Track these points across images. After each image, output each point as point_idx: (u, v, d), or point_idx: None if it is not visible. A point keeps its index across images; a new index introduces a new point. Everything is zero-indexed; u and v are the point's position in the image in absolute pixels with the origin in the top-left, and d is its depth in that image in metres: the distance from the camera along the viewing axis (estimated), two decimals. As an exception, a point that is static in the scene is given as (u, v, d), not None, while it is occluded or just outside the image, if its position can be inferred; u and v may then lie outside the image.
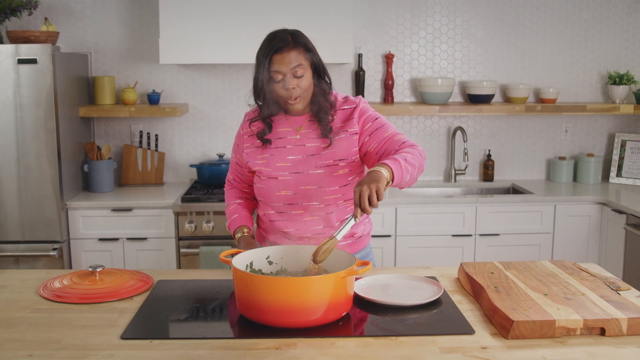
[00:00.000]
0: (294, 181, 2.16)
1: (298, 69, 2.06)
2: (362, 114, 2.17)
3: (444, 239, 3.81)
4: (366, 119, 2.17)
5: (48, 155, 3.59)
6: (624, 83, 4.19)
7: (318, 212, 2.18)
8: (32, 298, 1.98)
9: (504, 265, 2.12)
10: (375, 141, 2.13)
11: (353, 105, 2.19)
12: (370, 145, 2.14)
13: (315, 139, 2.17)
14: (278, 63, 2.05)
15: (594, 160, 4.24)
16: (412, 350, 1.58)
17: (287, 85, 2.06)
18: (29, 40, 3.67)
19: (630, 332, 1.66)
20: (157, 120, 4.26)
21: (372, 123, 2.16)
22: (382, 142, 2.12)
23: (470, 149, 4.37)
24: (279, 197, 2.19)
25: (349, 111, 2.18)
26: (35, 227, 3.64)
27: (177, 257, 3.69)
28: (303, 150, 2.17)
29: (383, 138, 2.13)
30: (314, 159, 2.16)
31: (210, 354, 1.57)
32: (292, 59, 2.05)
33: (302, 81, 2.07)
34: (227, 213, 2.36)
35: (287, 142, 2.19)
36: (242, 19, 3.75)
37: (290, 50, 2.05)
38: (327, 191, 2.15)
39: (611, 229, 3.76)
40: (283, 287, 1.66)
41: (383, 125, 2.16)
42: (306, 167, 2.16)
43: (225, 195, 2.44)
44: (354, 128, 2.16)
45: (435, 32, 4.27)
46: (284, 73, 2.05)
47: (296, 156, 2.17)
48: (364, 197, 1.79)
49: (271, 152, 2.19)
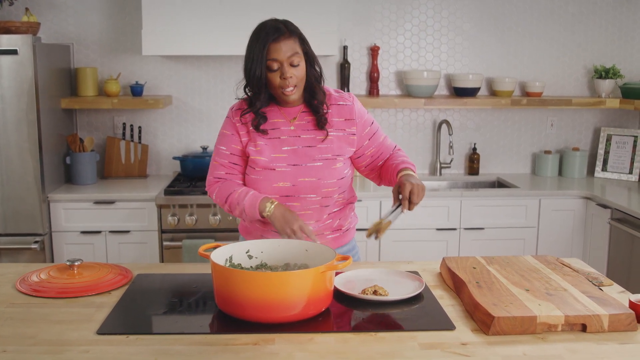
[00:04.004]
0: (292, 173, 2.15)
1: (294, 57, 2.05)
2: (361, 117, 2.24)
3: (428, 233, 3.79)
4: (364, 123, 2.24)
5: (29, 147, 3.55)
6: (610, 77, 4.19)
7: (313, 204, 2.17)
8: (9, 292, 1.95)
9: (487, 260, 2.10)
10: (373, 145, 2.25)
11: (348, 102, 2.22)
12: (368, 148, 2.25)
13: (310, 130, 2.17)
14: (275, 52, 2.03)
15: (579, 154, 4.24)
16: (392, 346, 1.56)
17: (284, 74, 2.04)
18: (9, 30, 3.61)
19: (612, 328, 1.64)
20: (140, 112, 4.21)
21: (370, 127, 2.25)
22: (378, 147, 2.26)
23: (456, 143, 4.36)
24: (277, 189, 2.16)
25: (346, 110, 2.20)
26: (17, 219, 3.59)
27: (160, 250, 3.66)
28: (298, 142, 2.16)
29: (379, 143, 2.27)
30: (312, 151, 2.15)
31: (188, 350, 1.55)
32: (289, 47, 2.04)
33: (298, 70, 2.07)
34: (237, 198, 2.12)
35: (281, 132, 2.17)
36: (225, 10, 3.71)
37: (286, 38, 2.05)
38: (325, 184, 2.16)
39: (596, 223, 3.76)
40: (261, 282, 1.64)
41: (378, 129, 2.29)
42: (305, 160, 2.15)
43: (217, 192, 2.20)
44: (352, 129, 2.21)
45: (421, 25, 4.25)
46: (281, 62, 2.04)
47: (291, 147, 2.16)
48: (415, 192, 1.99)
49: (265, 141, 2.17)
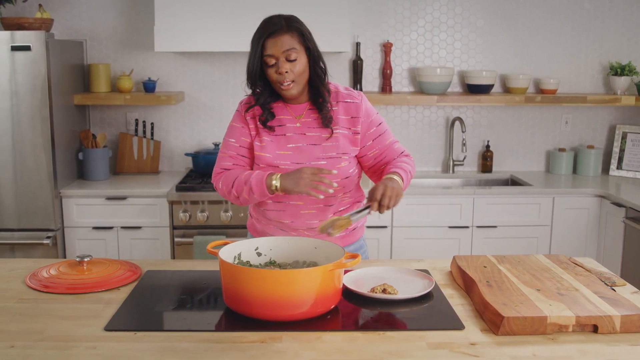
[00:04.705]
0: None
1: (291, 52, 2.03)
2: (368, 116, 2.20)
3: (440, 231, 3.77)
4: (371, 123, 2.20)
5: (43, 143, 3.56)
6: (626, 74, 4.13)
7: (316, 203, 2.15)
8: (19, 288, 1.95)
9: (498, 259, 2.08)
10: (377, 147, 2.20)
11: (356, 100, 2.19)
12: (371, 150, 2.20)
13: (316, 128, 2.15)
14: (271, 47, 2.03)
15: (594, 152, 4.19)
16: (399, 346, 1.55)
17: (280, 69, 2.03)
18: (22, 27, 3.63)
19: (624, 329, 1.62)
20: (152, 108, 4.22)
21: (376, 128, 2.20)
22: (383, 150, 2.20)
23: (469, 140, 4.32)
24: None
25: (353, 108, 2.17)
26: (30, 215, 3.61)
27: (172, 246, 3.67)
28: (303, 139, 2.15)
29: (384, 146, 2.21)
30: (317, 149, 2.14)
31: (194, 347, 1.55)
32: (285, 42, 2.03)
33: (295, 65, 2.05)
34: (243, 179, 2.08)
35: (287, 129, 2.16)
36: (238, 6, 3.69)
37: (283, 33, 2.04)
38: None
39: (610, 222, 3.72)
40: (269, 280, 1.63)
41: (385, 131, 2.22)
42: (309, 158, 2.13)
43: (222, 181, 2.16)
44: (356, 127, 2.17)
45: (435, 21, 4.22)
46: (277, 57, 2.03)
47: (296, 144, 2.15)
48: (387, 195, 1.91)
49: (271, 137, 2.16)
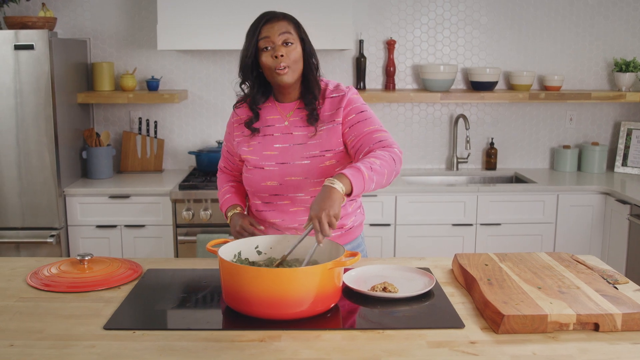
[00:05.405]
0: (279, 172, 2.12)
1: (287, 35, 2.04)
2: (349, 104, 2.11)
3: (444, 229, 3.76)
4: (351, 110, 2.10)
5: (46, 142, 3.56)
6: (631, 70, 4.11)
7: (304, 203, 2.14)
8: (20, 287, 1.96)
9: (499, 257, 2.07)
10: (353, 134, 2.07)
11: (342, 93, 2.14)
12: (348, 137, 2.08)
13: (302, 127, 2.13)
14: (267, 30, 2.04)
15: (598, 149, 4.17)
16: (399, 344, 1.54)
17: (276, 52, 2.02)
18: (26, 25, 3.63)
19: (625, 327, 1.61)
20: (156, 106, 4.22)
21: (356, 115, 2.09)
22: (358, 137, 2.05)
23: (473, 137, 4.31)
24: (265, 188, 2.15)
25: (337, 100, 2.13)
26: (34, 213, 3.62)
27: (175, 244, 3.67)
28: (290, 139, 2.13)
29: (361, 132, 2.05)
30: (301, 148, 2.12)
31: (193, 346, 1.54)
32: (281, 26, 2.05)
33: (290, 51, 2.04)
34: (220, 195, 2.37)
35: (275, 130, 2.15)
36: (241, 4, 3.68)
37: (279, 20, 2.06)
38: (313, 182, 2.11)
39: (615, 219, 3.70)
40: (268, 278, 1.63)
41: (367, 119, 2.08)
42: (292, 158, 2.12)
43: (217, 181, 2.46)
44: (339, 117, 2.10)
45: (438, 18, 4.20)
46: (273, 40, 2.03)
47: (283, 144, 2.13)
48: (324, 225, 1.71)
49: (259, 140, 2.16)
